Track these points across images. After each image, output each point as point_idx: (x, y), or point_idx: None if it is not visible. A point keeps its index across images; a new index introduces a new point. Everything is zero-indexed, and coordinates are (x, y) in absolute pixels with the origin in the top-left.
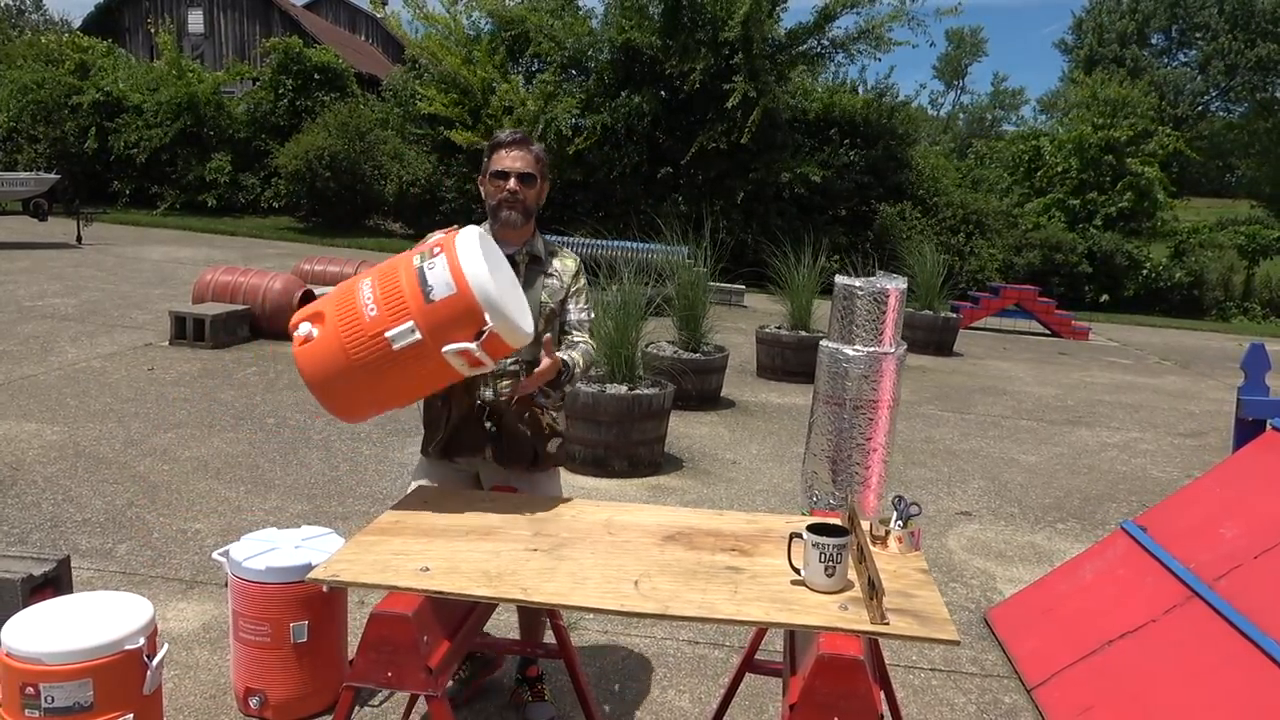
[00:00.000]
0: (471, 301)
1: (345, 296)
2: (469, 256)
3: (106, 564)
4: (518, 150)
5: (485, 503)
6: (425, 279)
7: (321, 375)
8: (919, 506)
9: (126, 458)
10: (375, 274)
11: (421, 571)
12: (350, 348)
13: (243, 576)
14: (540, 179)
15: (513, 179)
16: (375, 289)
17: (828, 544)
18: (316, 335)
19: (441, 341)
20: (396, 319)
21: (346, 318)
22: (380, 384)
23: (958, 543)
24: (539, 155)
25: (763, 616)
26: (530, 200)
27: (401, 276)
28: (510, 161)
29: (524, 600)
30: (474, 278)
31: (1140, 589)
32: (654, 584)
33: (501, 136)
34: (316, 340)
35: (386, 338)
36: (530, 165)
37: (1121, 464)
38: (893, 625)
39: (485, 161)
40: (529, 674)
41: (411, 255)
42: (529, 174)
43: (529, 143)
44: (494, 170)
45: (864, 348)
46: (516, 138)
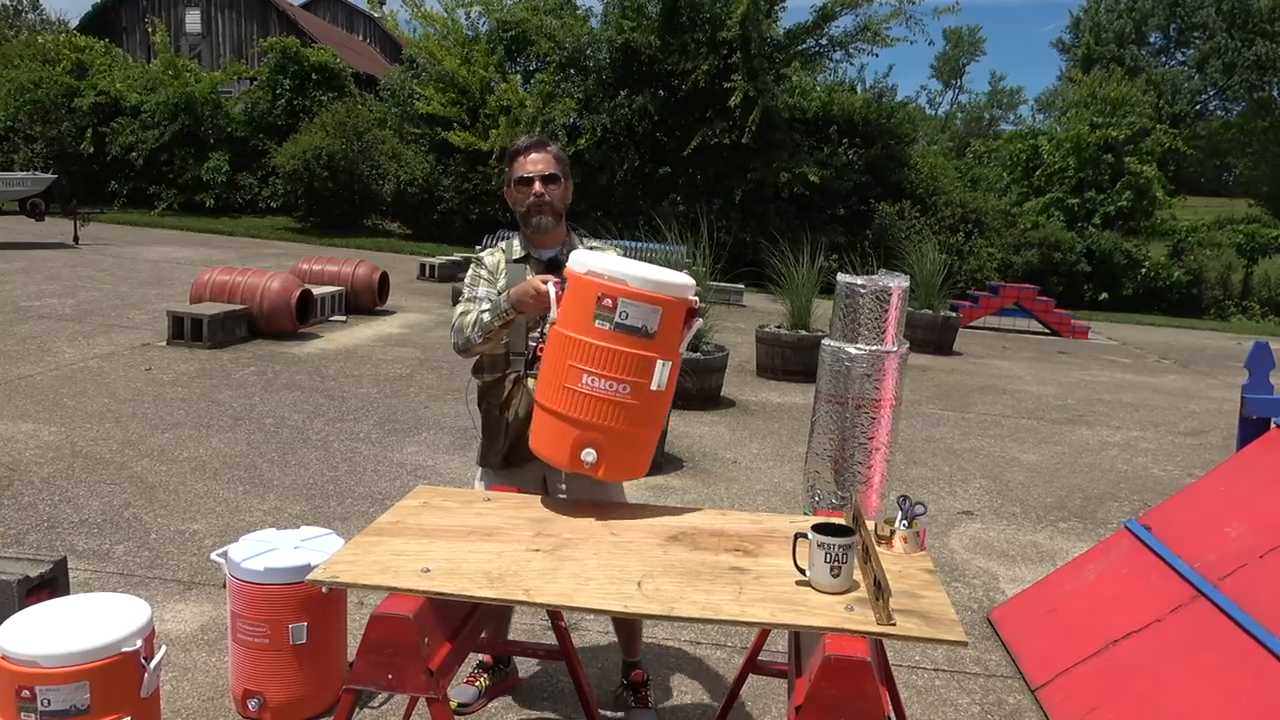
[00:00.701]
0: (675, 297)
1: (598, 404)
2: (618, 272)
3: (104, 565)
4: (536, 153)
5: (485, 503)
6: (635, 328)
7: (634, 464)
8: (924, 506)
9: (124, 458)
10: (593, 364)
11: (422, 573)
12: (643, 423)
13: (241, 577)
14: (564, 177)
15: (537, 182)
16: (612, 373)
17: (833, 544)
18: (602, 446)
19: (679, 343)
20: (646, 373)
21: (630, 417)
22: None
23: (960, 542)
24: (558, 155)
25: (768, 617)
26: (557, 200)
27: (615, 346)
28: (531, 166)
29: (527, 601)
30: (656, 284)
31: (1145, 588)
32: (657, 585)
33: (518, 143)
34: (609, 445)
35: (653, 389)
36: (551, 165)
37: (1123, 463)
38: (900, 626)
39: (506, 172)
40: (633, 678)
41: (586, 323)
42: (552, 174)
43: (546, 144)
44: (517, 178)
45: (866, 346)
46: (533, 141)
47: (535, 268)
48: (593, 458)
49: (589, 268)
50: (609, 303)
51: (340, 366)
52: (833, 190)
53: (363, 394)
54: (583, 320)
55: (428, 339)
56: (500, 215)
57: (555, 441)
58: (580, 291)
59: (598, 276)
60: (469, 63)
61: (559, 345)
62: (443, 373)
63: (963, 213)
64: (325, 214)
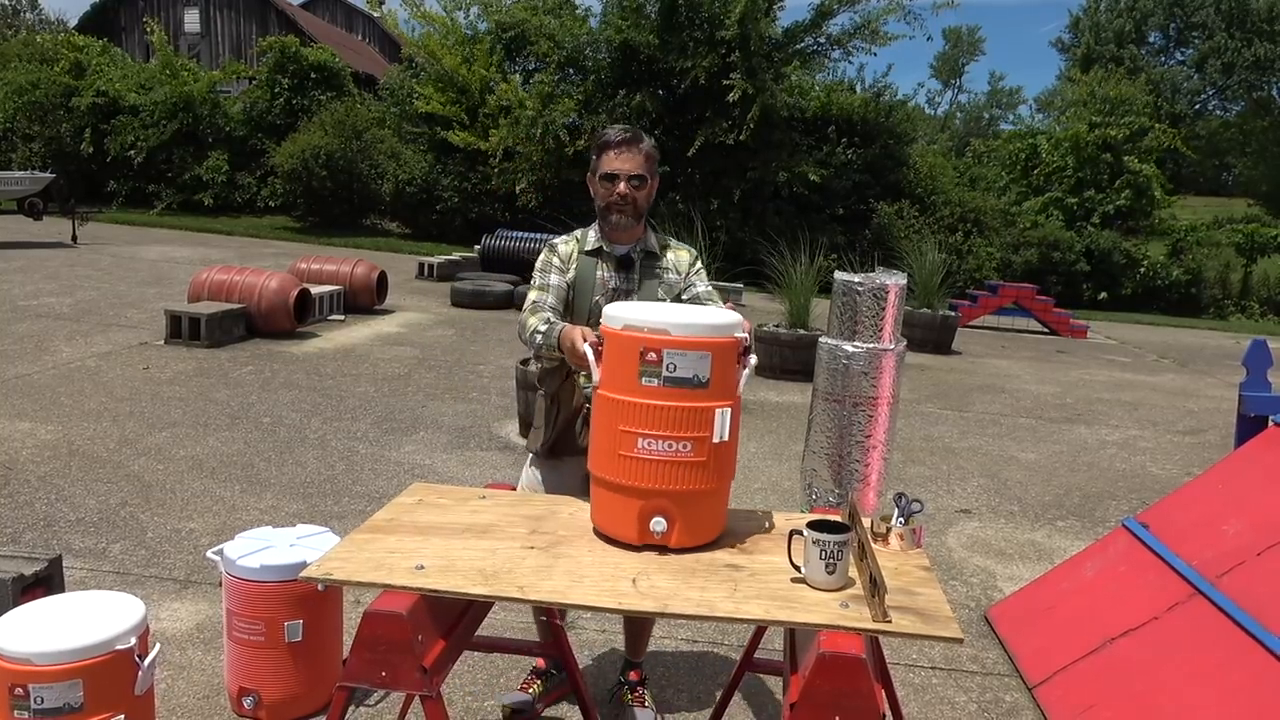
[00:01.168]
0: (723, 339)
1: (659, 467)
2: (659, 322)
3: (100, 564)
4: (627, 151)
5: (480, 501)
6: (686, 379)
7: (709, 524)
8: (920, 503)
9: (121, 457)
10: (647, 425)
11: (416, 570)
12: (711, 479)
13: (237, 575)
14: (651, 177)
15: (623, 183)
16: (669, 432)
17: (829, 541)
18: (671, 512)
19: (736, 384)
20: (706, 425)
21: (697, 475)
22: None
23: (957, 540)
24: (649, 153)
25: (762, 614)
26: (642, 202)
27: (668, 403)
28: (620, 163)
29: (521, 599)
30: (701, 328)
31: (1142, 586)
32: (652, 582)
33: (610, 135)
34: (679, 509)
35: (716, 441)
36: (640, 166)
37: (1121, 461)
38: (895, 623)
39: (593, 160)
40: (631, 677)
41: (631, 382)
42: (639, 175)
43: (639, 140)
44: (603, 173)
45: (864, 344)
46: (625, 137)
47: (607, 263)
48: (663, 526)
49: (626, 322)
50: (654, 357)
51: (338, 366)
52: (831, 190)
53: (360, 393)
54: (628, 379)
55: (426, 338)
56: (499, 215)
57: (619, 516)
58: (621, 349)
59: (637, 330)
60: (469, 62)
61: (606, 410)
62: (440, 372)
63: (961, 212)
64: (324, 213)
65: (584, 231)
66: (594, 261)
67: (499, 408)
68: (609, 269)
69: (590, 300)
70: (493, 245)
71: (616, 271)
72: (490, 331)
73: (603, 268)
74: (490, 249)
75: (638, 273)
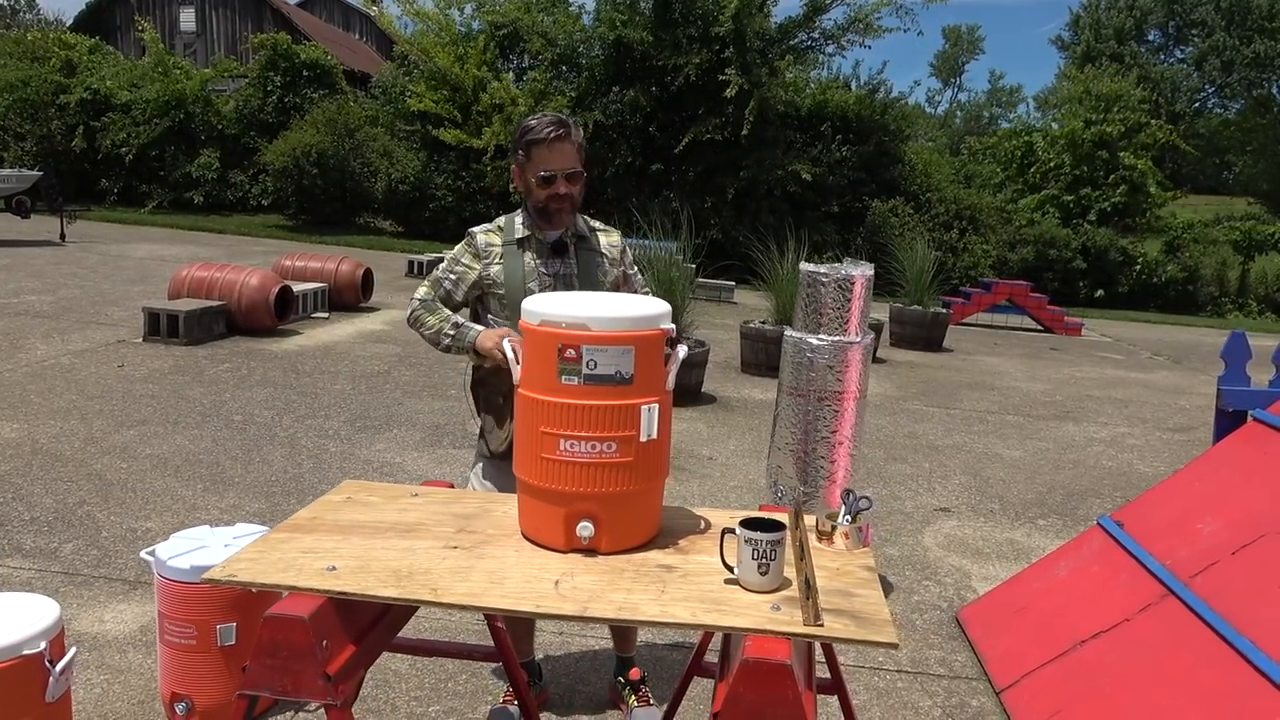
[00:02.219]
0: (646, 331)
1: (583, 470)
2: (576, 316)
3: (49, 564)
4: (560, 146)
5: (412, 499)
6: (608, 376)
7: (640, 526)
8: (869, 500)
9: (84, 455)
10: (569, 426)
11: (327, 571)
12: (639, 478)
13: (168, 576)
14: (583, 167)
15: (561, 182)
16: (592, 432)
17: (760, 540)
18: (599, 516)
19: (665, 378)
20: (632, 423)
21: (624, 477)
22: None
23: (934, 540)
24: (580, 144)
25: (688, 618)
26: (578, 195)
27: (589, 401)
28: (555, 161)
29: (432, 601)
30: (621, 321)
31: (1115, 586)
32: (575, 583)
33: (537, 130)
34: (606, 513)
35: (644, 440)
36: (574, 159)
37: (1108, 459)
38: (828, 627)
39: (521, 156)
40: (631, 676)
41: (551, 381)
42: (575, 171)
43: (568, 133)
44: (539, 175)
45: (829, 337)
46: (556, 133)
47: (538, 251)
48: (590, 532)
49: (543, 317)
50: (572, 354)
51: (316, 363)
52: (826, 187)
53: (337, 390)
54: (547, 378)
55: (409, 336)
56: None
57: (544, 522)
58: (538, 346)
59: (554, 325)
60: (462, 60)
61: (527, 411)
62: (420, 369)
63: (957, 209)
64: (316, 212)
65: (507, 219)
66: (519, 251)
67: None
68: (539, 258)
69: (523, 291)
70: None
71: (551, 258)
72: None
73: (531, 256)
74: None
75: (574, 256)
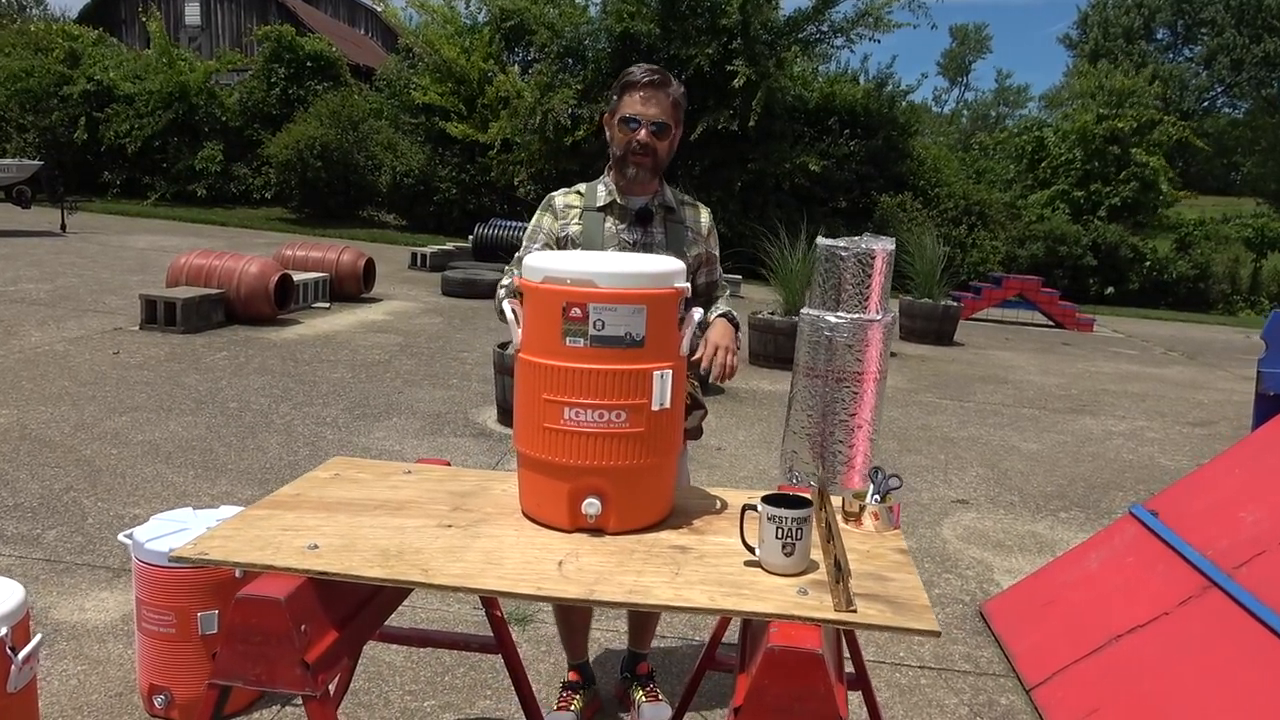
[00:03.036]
0: (660, 290)
1: (590, 441)
2: (582, 271)
3: (31, 550)
4: (653, 94)
5: (404, 476)
6: (617, 338)
7: (652, 504)
8: (899, 479)
9: (74, 441)
10: (573, 393)
11: (308, 550)
12: (651, 451)
13: (146, 560)
14: (675, 126)
15: (644, 129)
16: (599, 400)
17: (786, 517)
18: (607, 492)
19: (679, 343)
20: (643, 390)
21: (634, 449)
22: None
23: (953, 532)
24: (677, 100)
25: (706, 602)
26: (663, 153)
27: (597, 365)
28: (644, 107)
29: (423, 583)
30: (632, 276)
31: (1151, 578)
32: (580, 564)
33: (635, 74)
34: (615, 489)
35: (656, 409)
36: (666, 113)
37: (1128, 452)
38: (861, 613)
39: (614, 99)
40: (639, 670)
41: (555, 343)
42: (663, 123)
43: (667, 84)
44: (623, 116)
45: (848, 314)
46: (652, 78)
47: (621, 218)
48: (596, 509)
49: (546, 273)
50: (578, 312)
51: (316, 352)
52: (834, 181)
53: (336, 379)
54: (550, 340)
55: (411, 326)
56: (497, 207)
57: (547, 498)
58: (541, 305)
59: (558, 281)
60: (468, 53)
61: (528, 376)
62: (422, 359)
63: (966, 205)
64: (319, 205)
65: (589, 185)
66: (601, 216)
67: (478, 394)
68: (622, 223)
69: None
70: (485, 234)
71: (633, 226)
72: (479, 320)
73: (613, 222)
74: (483, 238)
75: (659, 226)
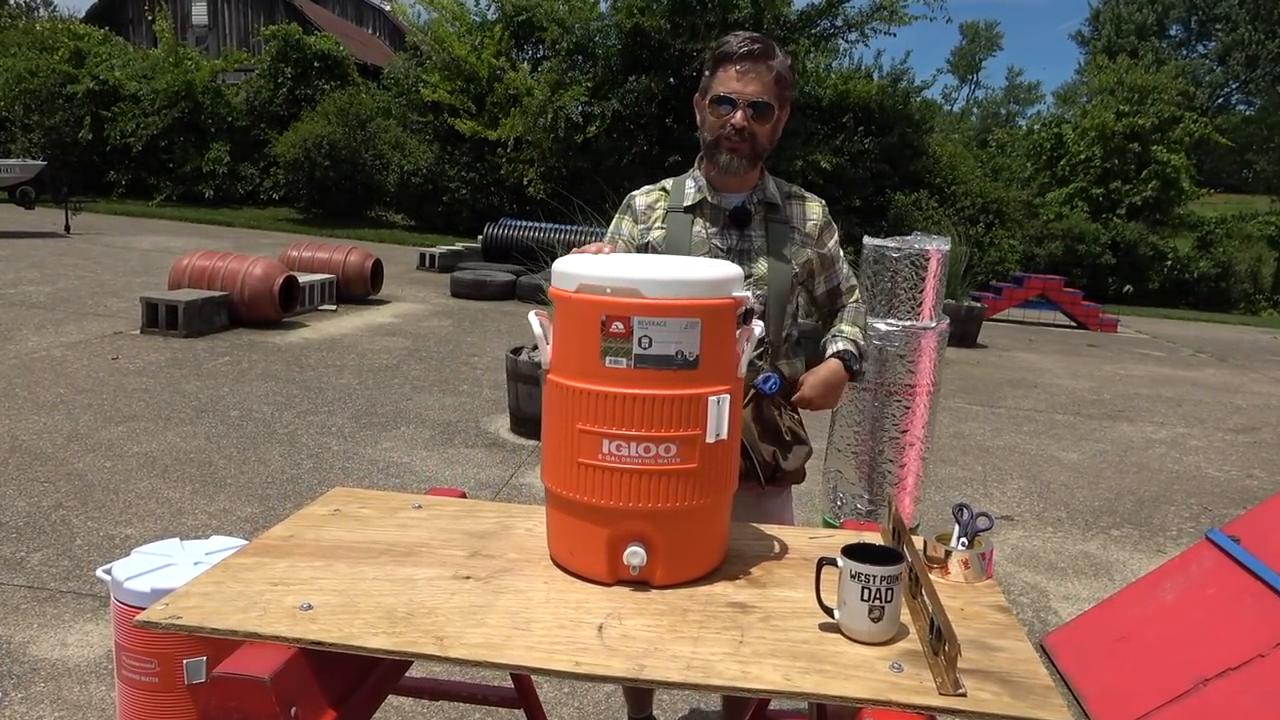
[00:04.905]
0: (716, 299)
1: (634, 480)
2: (625, 278)
3: (13, 576)
4: (752, 67)
5: (414, 511)
6: (667, 357)
7: (705, 552)
8: (989, 518)
9: (66, 453)
10: (614, 423)
11: (300, 611)
12: (705, 491)
13: (125, 601)
14: (780, 107)
15: (739, 111)
16: (645, 431)
17: (875, 575)
18: (652, 539)
19: (737, 362)
20: (696, 419)
21: (685, 488)
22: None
23: (1000, 552)
24: (781, 74)
25: (782, 682)
26: (763, 139)
27: (643, 391)
28: (740, 84)
29: (437, 656)
30: (685, 284)
31: (1239, 614)
32: (625, 628)
33: (731, 44)
34: (662, 535)
35: (711, 441)
36: (768, 90)
37: (1173, 462)
38: (971, 698)
39: (705, 76)
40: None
41: (592, 364)
42: (764, 103)
43: (769, 54)
44: (715, 95)
45: (900, 321)
46: (751, 49)
47: (714, 220)
48: (641, 559)
49: (581, 280)
50: (620, 328)
51: (322, 356)
52: (848, 180)
53: (342, 385)
54: (587, 360)
55: (420, 329)
56: (507, 206)
57: (583, 546)
58: (575, 318)
59: (596, 290)
60: (478, 50)
61: (559, 402)
62: (432, 364)
63: (983, 203)
64: (327, 205)
65: (676, 181)
66: (689, 219)
67: (490, 401)
68: (714, 225)
69: None
70: (495, 234)
71: (729, 228)
72: (490, 322)
73: (703, 225)
74: (493, 238)
75: (758, 228)
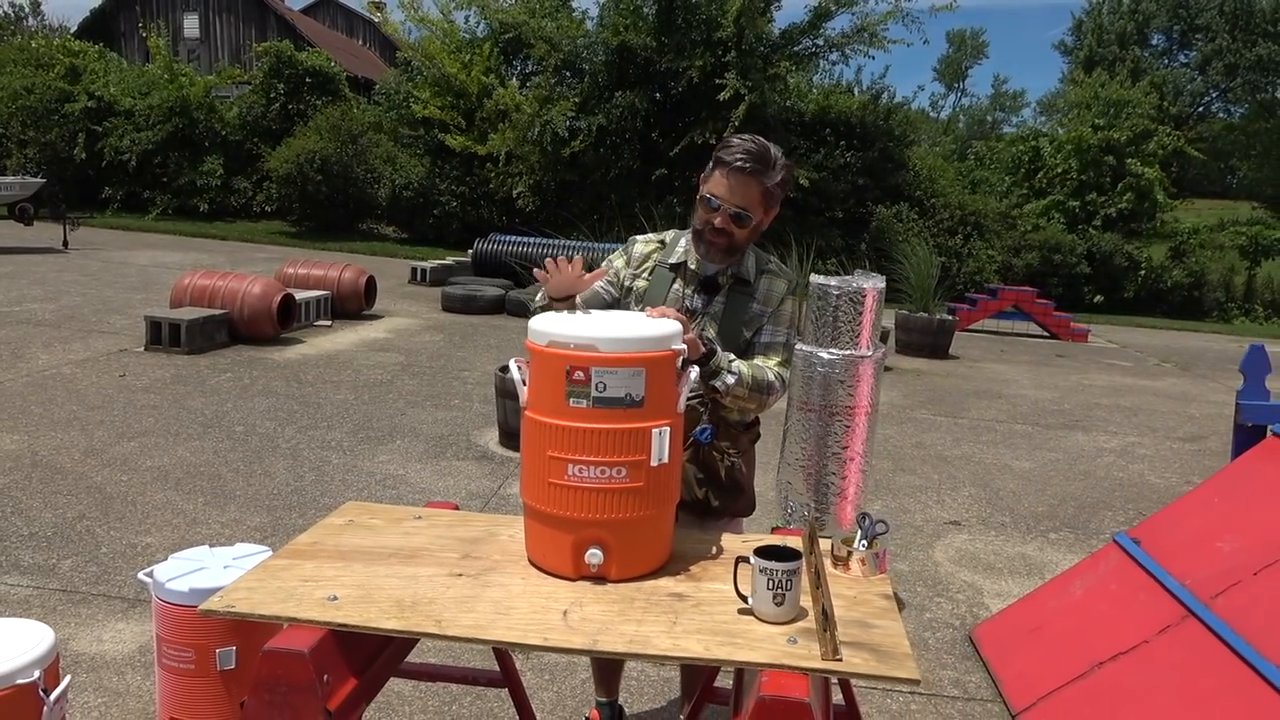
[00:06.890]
0: (658, 353)
1: (592, 496)
2: (584, 336)
3: (48, 581)
4: (742, 181)
5: (415, 522)
6: (618, 399)
7: (651, 553)
8: (885, 524)
9: (84, 468)
10: (577, 451)
11: (328, 601)
12: (650, 504)
13: (165, 599)
14: (763, 213)
15: (720, 215)
16: (601, 457)
17: (776, 569)
18: (608, 543)
19: (676, 400)
20: (642, 447)
21: (633, 502)
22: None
23: (945, 554)
24: (770, 189)
25: (701, 652)
26: (740, 239)
27: (599, 425)
28: (727, 192)
29: (437, 634)
30: (631, 341)
31: (1133, 606)
32: (584, 613)
33: (732, 150)
34: (616, 540)
35: (655, 465)
36: (752, 204)
37: (1118, 470)
38: (846, 661)
39: (709, 166)
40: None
41: (559, 404)
42: (744, 214)
43: (762, 171)
44: (705, 195)
45: (840, 351)
46: (744, 167)
47: (690, 281)
48: (599, 559)
49: (550, 337)
50: (581, 376)
51: (319, 372)
52: (830, 193)
53: (339, 400)
54: (555, 400)
55: (412, 344)
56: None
57: (552, 548)
58: (545, 367)
59: (561, 346)
60: (467, 66)
61: (534, 434)
62: (424, 378)
63: (961, 215)
64: (319, 218)
65: (674, 236)
66: (672, 276)
67: (480, 415)
68: (689, 287)
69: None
70: (485, 250)
71: (698, 293)
72: (479, 337)
73: (680, 285)
74: (483, 253)
75: (723, 299)
